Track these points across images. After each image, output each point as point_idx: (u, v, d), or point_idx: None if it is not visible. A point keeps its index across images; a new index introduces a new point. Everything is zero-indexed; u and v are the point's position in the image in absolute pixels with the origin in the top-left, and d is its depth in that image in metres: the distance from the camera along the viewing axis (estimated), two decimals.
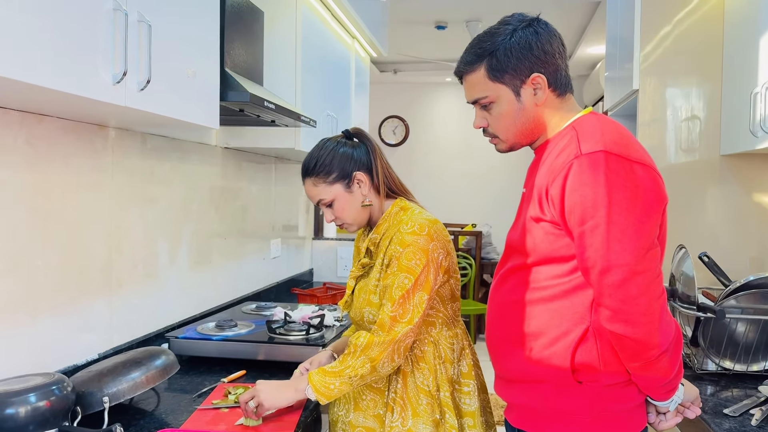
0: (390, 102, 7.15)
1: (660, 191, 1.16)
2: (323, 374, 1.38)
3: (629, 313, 1.10)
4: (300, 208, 3.37)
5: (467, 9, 4.79)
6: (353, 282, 1.59)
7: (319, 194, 1.53)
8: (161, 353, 1.55)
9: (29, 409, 1.20)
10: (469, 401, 1.51)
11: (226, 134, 2.39)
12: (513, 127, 1.29)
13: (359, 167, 1.53)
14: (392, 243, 1.46)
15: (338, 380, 1.37)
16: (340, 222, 1.56)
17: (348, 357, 1.39)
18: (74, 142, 1.58)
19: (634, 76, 2.56)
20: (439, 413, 1.46)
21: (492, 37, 1.26)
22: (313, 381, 1.38)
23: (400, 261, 1.42)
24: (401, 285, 1.41)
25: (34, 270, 1.46)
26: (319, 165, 1.51)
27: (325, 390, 1.37)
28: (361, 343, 1.39)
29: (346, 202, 1.52)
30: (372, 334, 1.40)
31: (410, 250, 1.42)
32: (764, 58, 2.04)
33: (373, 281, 1.51)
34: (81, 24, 1.13)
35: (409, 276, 1.41)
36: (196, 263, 2.23)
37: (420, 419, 1.44)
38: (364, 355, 1.38)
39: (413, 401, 1.45)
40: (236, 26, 1.90)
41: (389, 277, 1.43)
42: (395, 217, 1.53)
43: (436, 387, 1.47)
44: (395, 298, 1.40)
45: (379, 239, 1.53)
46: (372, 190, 1.54)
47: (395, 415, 1.45)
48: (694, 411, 1.30)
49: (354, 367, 1.38)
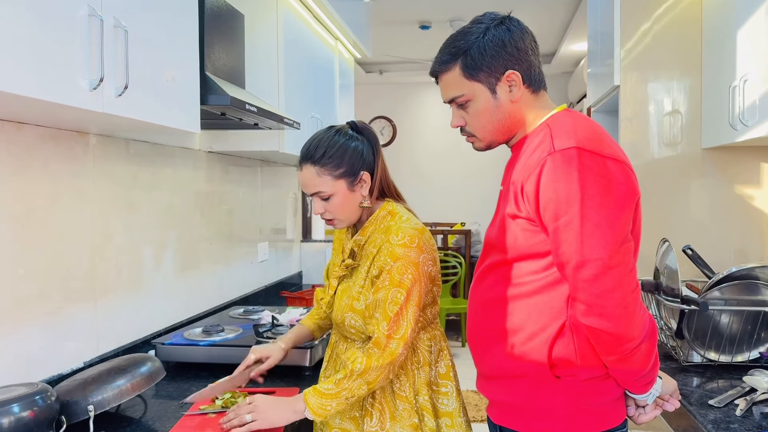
0: (377, 103, 7.16)
1: (632, 186, 1.18)
2: (320, 396, 1.36)
3: (604, 307, 1.11)
4: (288, 211, 3.36)
5: (450, 8, 4.80)
6: (336, 282, 1.56)
7: (320, 186, 1.45)
8: (147, 360, 1.54)
9: (12, 420, 1.18)
10: (447, 402, 1.50)
11: (209, 138, 2.38)
12: (490, 124, 1.30)
13: (366, 167, 1.48)
14: (381, 253, 1.42)
15: (335, 401, 1.37)
16: (330, 217, 1.49)
17: (344, 380, 1.37)
18: (54, 150, 1.56)
19: (615, 72, 2.58)
20: (418, 417, 1.45)
21: (465, 36, 1.27)
22: (311, 404, 1.36)
23: (392, 275, 1.40)
24: (394, 300, 1.38)
25: (15, 279, 1.45)
26: (328, 155, 1.43)
27: (321, 411, 1.36)
28: (358, 368, 1.36)
29: (346, 200, 1.46)
30: (368, 357, 1.37)
31: (401, 264, 1.40)
32: (742, 51, 2.06)
33: (357, 287, 1.47)
34: (56, 31, 1.12)
35: (401, 290, 1.39)
36: (182, 269, 2.22)
37: (397, 423, 1.43)
38: (361, 379, 1.37)
39: (390, 406, 1.45)
40: (216, 30, 1.90)
41: (381, 291, 1.40)
42: (382, 221, 1.49)
43: (413, 392, 1.46)
44: (390, 316, 1.38)
45: (363, 241, 1.50)
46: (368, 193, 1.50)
47: (374, 420, 1.44)
48: (673, 404, 1.31)
49: (350, 389, 1.37)
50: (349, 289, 1.51)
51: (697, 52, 2.46)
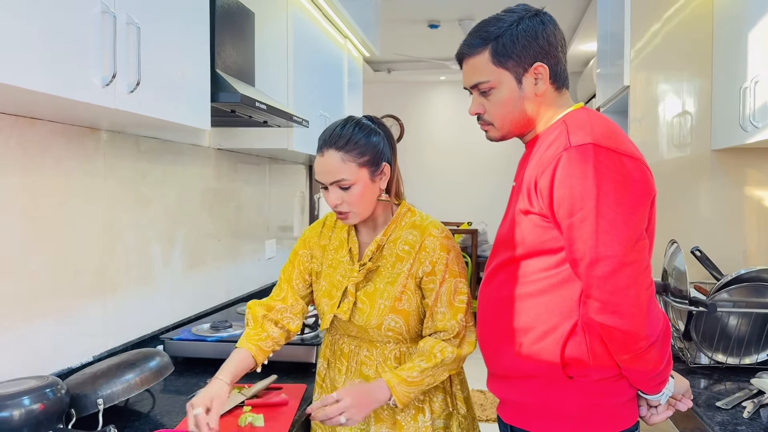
0: (385, 101, 7.15)
1: (648, 183, 1.17)
2: (406, 384, 1.34)
3: (618, 305, 1.10)
4: (295, 209, 3.37)
5: (460, 7, 4.79)
6: (354, 288, 1.44)
7: (343, 173, 1.37)
8: (155, 355, 1.55)
9: (23, 412, 1.20)
10: (465, 389, 1.55)
11: (218, 135, 2.39)
12: (510, 114, 1.29)
13: (386, 160, 1.45)
14: (427, 248, 1.41)
15: (417, 389, 1.36)
16: (347, 209, 1.41)
17: (431, 368, 1.36)
18: (66, 145, 1.58)
19: (625, 72, 2.56)
20: (452, 406, 1.48)
21: (498, 22, 1.26)
22: (397, 392, 1.33)
23: (451, 267, 1.41)
24: (459, 290, 1.41)
25: (27, 273, 1.46)
26: (353, 141, 1.39)
27: (406, 399, 1.35)
28: (449, 357, 1.37)
29: (366, 191, 1.40)
30: (455, 347, 1.38)
31: (454, 254, 1.42)
32: (753, 52, 2.05)
33: (398, 287, 1.41)
34: (70, 27, 1.13)
35: (463, 280, 1.42)
36: (190, 265, 2.23)
37: (435, 415, 1.45)
38: (447, 368, 1.39)
39: (431, 398, 1.46)
40: (227, 27, 1.91)
41: (443, 285, 1.40)
42: (403, 218, 1.47)
43: (449, 382, 1.49)
44: (462, 307, 1.41)
45: (385, 242, 1.45)
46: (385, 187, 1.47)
47: (426, 415, 1.44)
48: (686, 404, 1.30)
49: (434, 377, 1.37)
50: (381, 291, 1.42)
51: (708, 53, 2.44)
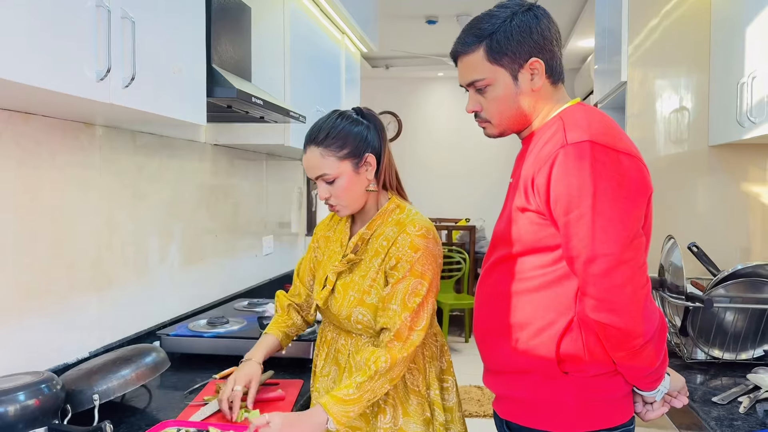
0: (382, 98, 7.14)
1: (645, 181, 1.17)
2: (342, 403, 1.29)
3: (614, 302, 1.10)
4: (293, 204, 3.36)
5: (458, 3, 4.78)
6: (334, 277, 1.48)
7: (324, 168, 1.41)
8: (151, 350, 1.55)
9: (18, 408, 1.20)
10: (448, 397, 1.51)
11: (215, 131, 2.38)
12: (507, 111, 1.28)
13: (371, 149, 1.45)
14: (398, 244, 1.39)
15: (357, 406, 1.31)
16: (335, 202, 1.45)
17: (367, 382, 1.31)
18: (61, 140, 1.57)
19: (623, 68, 2.56)
20: (429, 411, 1.45)
21: (491, 19, 1.25)
22: (334, 413, 1.28)
23: (414, 266, 1.37)
24: (417, 292, 1.36)
25: (22, 268, 1.46)
26: (332, 136, 1.41)
27: (345, 419, 1.30)
28: (383, 367, 1.31)
29: (351, 183, 1.43)
30: (391, 351, 1.33)
31: (422, 254, 1.38)
32: (750, 48, 2.05)
33: (368, 281, 1.42)
34: (64, 21, 1.12)
35: (423, 282, 1.37)
36: (187, 261, 2.22)
37: (411, 419, 1.42)
38: (385, 377, 1.33)
39: (403, 402, 1.43)
40: (223, 22, 1.90)
41: (401, 282, 1.37)
42: (390, 214, 1.47)
43: (425, 386, 1.46)
44: (412, 307, 1.35)
45: (369, 235, 1.46)
46: (374, 177, 1.47)
47: (387, 417, 1.42)
48: (681, 400, 1.30)
49: (373, 390, 1.32)
50: (354, 283, 1.45)
51: (705, 49, 2.44)
